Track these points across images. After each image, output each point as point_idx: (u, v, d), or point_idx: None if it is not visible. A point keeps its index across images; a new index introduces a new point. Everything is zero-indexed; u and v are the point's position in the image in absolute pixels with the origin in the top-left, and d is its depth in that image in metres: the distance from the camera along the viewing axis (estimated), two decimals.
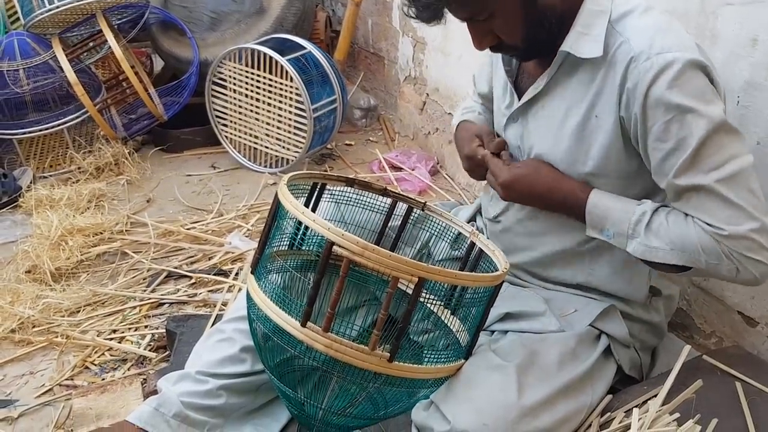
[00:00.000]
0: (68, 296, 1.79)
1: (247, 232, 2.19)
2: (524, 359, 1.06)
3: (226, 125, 2.75)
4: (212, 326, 1.54)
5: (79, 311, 1.77)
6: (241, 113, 2.69)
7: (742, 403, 1.07)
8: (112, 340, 1.66)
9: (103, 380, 1.54)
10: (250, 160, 2.74)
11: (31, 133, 2.56)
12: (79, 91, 2.51)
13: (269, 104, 2.60)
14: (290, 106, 2.55)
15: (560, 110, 1.13)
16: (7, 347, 1.64)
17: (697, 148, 0.98)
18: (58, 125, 2.57)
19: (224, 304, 1.75)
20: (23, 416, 1.42)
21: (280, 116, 2.60)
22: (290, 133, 2.59)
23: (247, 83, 2.61)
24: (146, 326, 1.72)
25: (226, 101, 2.70)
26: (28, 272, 1.90)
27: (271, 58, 2.50)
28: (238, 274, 1.92)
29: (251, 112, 2.66)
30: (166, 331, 1.62)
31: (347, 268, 0.90)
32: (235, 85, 2.65)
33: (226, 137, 2.77)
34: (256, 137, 2.69)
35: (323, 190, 1.22)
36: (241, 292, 1.44)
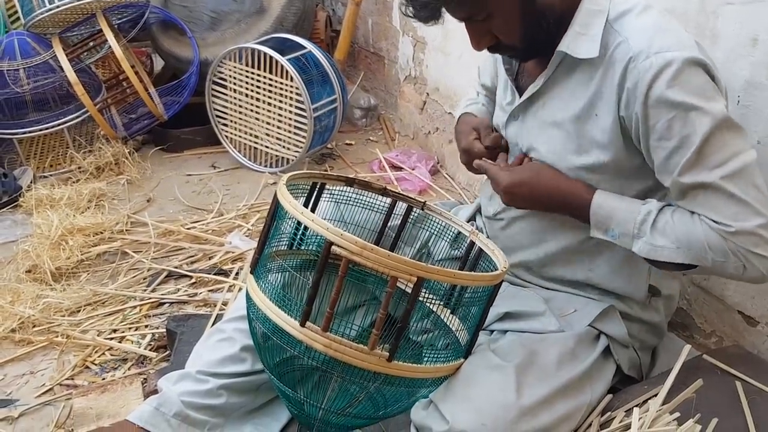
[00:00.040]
0: (68, 296, 1.79)
1: (247, 231, 2.19)
2: (523, 359, 1.06)
3: (226, 125, 2.75)
4: (212, 326, 1.55)
5: (79, 311, 1.77)
6: (241, 113, 2.68)
7: (742, 402, 1.07)
8: (112, 339, 1.66)
9: (103, 380, 1.54)
10: (250, 159, 2.74)
11: (31, 132, 2.57)
12: (79, 90, 2.51)
13: (269, 104, 2.60)
14: (290, 105, 2.55)
15: (560, 109, 1.13)
16: (7, 347, 1.64)
17: (700, 145, 0.98)
18: (58, 125, 2.57)
19: (224, 303, 1.75)
20: (24, 416, 1.42)
21: (280, 116, 2.59)
22: (290, 132, 2.59)
23: (247, 83, 2.61)
24: (146, 326, 1.72)
25: (226, 101, 2.70)
26: (28, 272, 1.90)
27: (271, 57, 2.50)
28: (238, 273, 1.92)
29: (251, 111, 2.66)
30: (166, 330, 1.62)
31: (346, 267, 0.90)
32: (235, 84, 2.64)
33: (226, 137, 2.77)
34: (256, 137, 2.69)
35: (323, 189, 1.22)
36: (241, 291, 1.44)
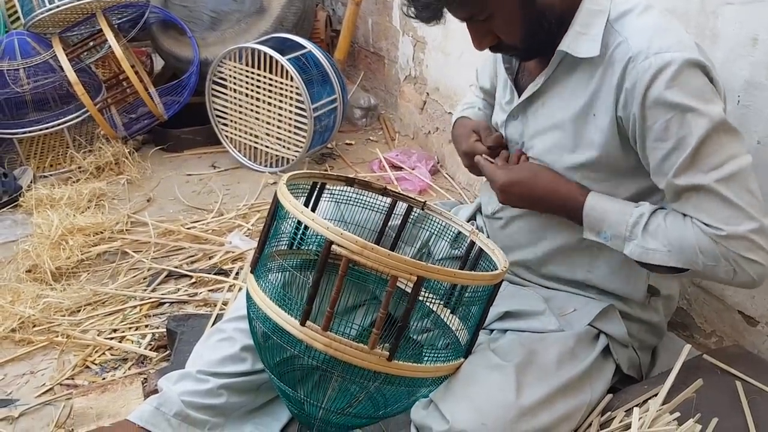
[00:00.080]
0: (69, 296, 1.79)
1: (247, 231, 2.19)
2: (523, 358, 1.06)
3: (226, 125, 2.75)
4: (213, 325, 1.55)
5: (79, 311, 1.77)
6: (241, 113, 2.68)
7: (742, 402, 1.07)
8: (112, 339, 1.66)
9: (103, 380, 1.54)
10: (250, 159, 2.74)
11: (31, 132, 2.57)
12: (79, 90, 2.51)
13: (269, 104, 2.60)
14: (290, 105, 2.55)
15: (560, 108, 1.13)
16: (7, 347, 1.64)
17: (696, 147, 0.98)
18: (58, 125, 2.58)
19: (224, 303, 1.75)
20: (24, 416, 1.42)
21: (280, 116, 2.59)
22: (290, 132, 2.59)
23: (247, 83, 2.61)
24: (147, 326, 1.72)
25: (226, 101, 2.70)
26: (28, 272, 1.90)
27: (271, 57, 2.50)
28: (238, 273, 1.92)
29: (251, 111, 2.66)
30: (166, 330, 1.62)
31: (346, 267, 0.90)
32: (235, 84, 2.64)
33: (226, 137, 2.77)
34: (256, 137, 2.69)
35: (323, 189, 1.22)
36: (241, 291, 1.44)
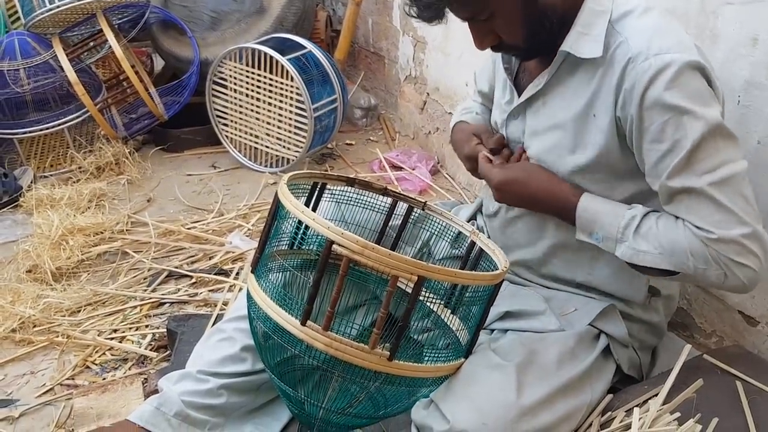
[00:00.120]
0: (69, 296, 1.79)
1: (247, 231, 2.19)
2: (524, 358, 1.07)
3: (226, 125, 2.75)
4: (213, 326, 1.55)
5: (79, 311, 1.77)
6: (241, 113, 2.69)
7: (742, 402, 1.07)
8: (112, 339, 1.66)
9: (103, 380, 1.54)
10: (250, 159, 2.74)
11: (31, 132, 2.57)
12: (79, 90, 2.51)
13: (270, 104, 2.60)
14: (291, 105, 2.55)
15: (561, 108, 1.13)
16: (7, 347, 1.64)
17: (691, 149, 0.98)
18: (58, 125, 2.58)
19: (225, 303, 1.75)
20: (24, 416, 1.42)
21: (280, 116, 2.59)
22: (291, 132, 2.59)
23: (247, 83, 2.61)
24: (147, 326, 1.72)
25: (226, 101, 2.70)
26: (28, 272, 1.90)
27: (271, 57, 2.50)
28: (238, 273, 1.92)
29: (252, 111, 2.66)
30: (166, 330, 1.62)
31: (347, 267, 0.90)
32: (235, 84, 2.64)
33: (226, 137, 2.77)
34: (256, 137, 2.69)
35: (323, 189, 1.22)
36: (241, 291, 1.44)
